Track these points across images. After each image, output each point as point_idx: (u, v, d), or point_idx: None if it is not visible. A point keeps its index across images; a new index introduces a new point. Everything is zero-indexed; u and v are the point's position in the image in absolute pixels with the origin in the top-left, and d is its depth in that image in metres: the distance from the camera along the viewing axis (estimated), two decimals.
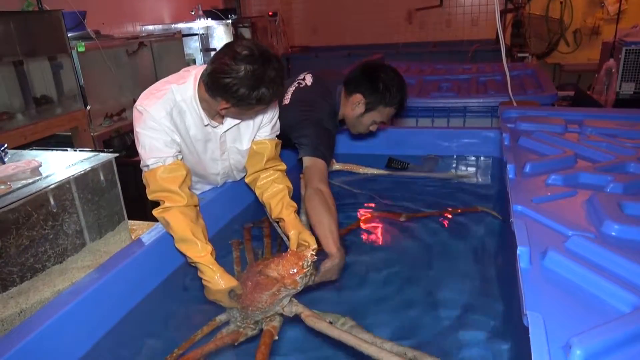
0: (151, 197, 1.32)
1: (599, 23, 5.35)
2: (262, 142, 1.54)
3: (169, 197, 1.30)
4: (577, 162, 1.38)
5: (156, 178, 1.29)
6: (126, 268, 1.20)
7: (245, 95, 1.18)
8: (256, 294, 1.15)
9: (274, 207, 1.45)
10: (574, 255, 0.88)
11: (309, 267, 1.16)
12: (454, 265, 1.40)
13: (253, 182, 1.55)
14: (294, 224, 1.39)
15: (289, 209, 1.43)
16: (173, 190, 1.30)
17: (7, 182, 1.16)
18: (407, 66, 4.02)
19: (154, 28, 4.12)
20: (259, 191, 1.52)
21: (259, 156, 1.53)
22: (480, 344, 1.07)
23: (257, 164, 1.53)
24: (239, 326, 1.16)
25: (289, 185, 1.52)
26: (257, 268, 1.23)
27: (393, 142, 2.28)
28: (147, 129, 1.30)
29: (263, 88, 1.18)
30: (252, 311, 1.15)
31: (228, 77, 1.17)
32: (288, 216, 1.41)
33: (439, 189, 1.93)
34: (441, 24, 6.00)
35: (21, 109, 2.75)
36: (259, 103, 1.22)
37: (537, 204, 1.11)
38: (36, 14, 2.78)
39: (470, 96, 2.91)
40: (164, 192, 1.30)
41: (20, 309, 1.12)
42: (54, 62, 2.87)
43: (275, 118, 1.58)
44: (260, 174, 1.52)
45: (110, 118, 3.17)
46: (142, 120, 1.31)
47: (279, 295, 1.14)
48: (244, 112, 1.30)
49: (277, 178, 1.51)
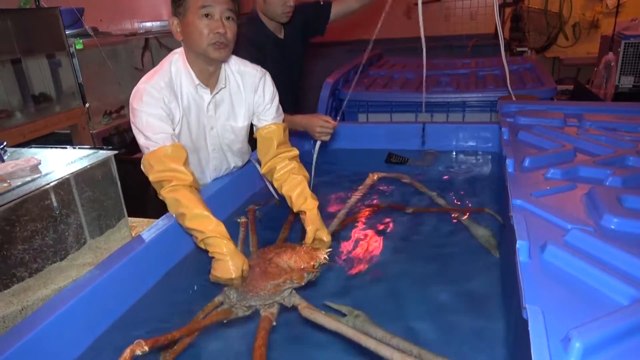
0: (156, 178, 1.32)
1: (598, 16, 5.34)
2: (269, 127, 1.56)
3: (175, 176, 1.31)
4: (577, 155, 1.38)
5: (160, 158, 1.31)
6: (127, 265, 1.20)
7: None
8: (262, 281, 1.16)
9: (294, 200, 1.46)
10: (573, 249, 0.88)
11: (319, 267, 1.17)
12: (455, 259, 1.40)
13: (270, 172, 1.55)
14: (313, 220, 1.40)
15: (311, 203, 1.43)
16: (179, 169, 1.32)
17: (7, 180, 1.16)
18: (405, 61, 4.01)
19: (152, 25, 4.11)
20: (277, 183, 1.53)
21: (268, 142, 1.54)
22: (479, 336, 1.07)
23: (269, 150, 1.54)
24: (232, 305, 1.18)
25: (306, 175, 1.53)
26: (268, 255, 1.23)
27: (392, 137, 2.28)
28: (144, 105, 1.34)
29: None
30: (251, 296, 1.16)
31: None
32: (310, 211, 1.42)
33: (445, 185, 1.93)
34: (440, 18, 5.97)
35: (20, 107, 2.75)
36: None
37: (536, 197, 1.11)
38: (33, 12, 2.77)
39: (469, 91, 2.91)
40: (171, 171, 1.31)
41: (21, 306, 1.13)
42: (52, 59, 2.87)
43: (275, 100, 1.60)
44: (276, 164, 1.52)
45: (110, 115, 3.17)
46: (139, 98, 1.35)
47: (283, 286, 1.16)
48: (185, 18, 1.36)
49: (293, 168, 1.52)
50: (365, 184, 1.80)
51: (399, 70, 3.67)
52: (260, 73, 1.60)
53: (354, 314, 1.10)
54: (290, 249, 1.24)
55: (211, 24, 1.35)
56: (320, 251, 1.23)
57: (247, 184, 1.84)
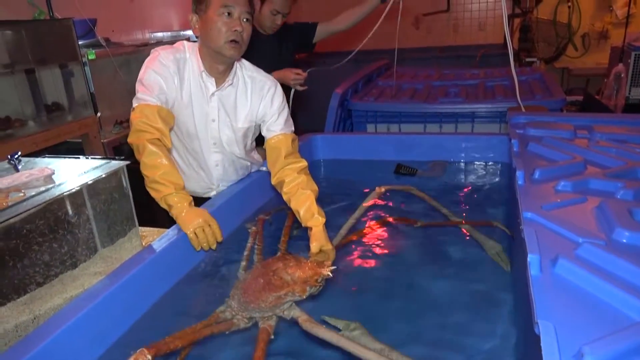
0: (140, 127, 1.41)
1: (607, 27, 5.33)
2: (277, 137, 1.58)
3: (161, 134, 1.43)
4: (587, 168, 1.38)
5: (153, 113, 1.42)
6: (137, 274, 1.21)
7: None
8: (263, 293, 1.15)
9: (302, 215, 1.47)
10: (585, 263, 0.88)
11: (322, 282, 1.17)
12: (464, 273, 1.40)
13: (279, 185, 1.56)
14: (319, 237, 1.41)
15: (317, 220, 1.44)
16: (164, 130, 1.43)
17: (22, 189, 1.17)
18: (414, 72, 4.02)
19: (162, 35, 4.16)
20: (286, 197, 1.53)
21: (276, 151, 1.56)
22: (490, 352, 1.06)
23: (277, 160, 1.55)
24: (234, 316, 1.18)
25: (315, 188, 1.53)
26: (272, 266, 1.23)
27: (401, 148, 2.28)
28: (153, 65, 1.47)
29: None
30: (252, 308, 1.16)
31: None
32: (316, 227, 1.43)
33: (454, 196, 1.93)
34: (448, 29, 5.99)
35: (33, 116, 2.78)
36: None
37: (546, 210, 1.10)
38: (47, 23, 2.82)
39: (478, 101, 2.91)
40: (157, 129, 1.42)
41: (34, 315, 1.14)
42: (65, 69, 2.91)
43: (284, 111, 1.63)
44: (285, 177, 1.53)
45: (120, 124, 3.21)
46: (151, 60, 1.49)
47: (285, 299, 1.15)
48: (205, 15, 1.43)
49: (301, 182, 1.52)
50: (372, 197, 1.79)
51: (408, 80, 3.68)
52: (271, 82, 1.62)
53: (350, 327, 1.10)
54: (294, 261, 1.24)
55: (230, 22, 1.42)
56: (324, 266, 1.23)
57: (259, 192, 1.85)
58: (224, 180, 1.73)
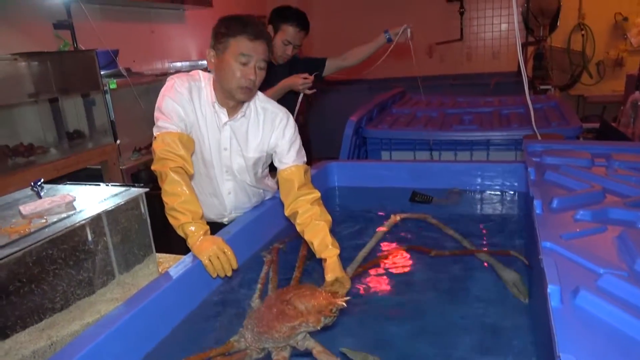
0: (161, 154, 1.44)
1: (622, 55, 5.33)
2: (289, 169, 1.59)
3: (184, 161, 1.45)
4: (606, 197, 1.36)
5: (174, 140, 1.45)
6: (154, 302, 1.22)
7: (217, 28, 1.47)
8: (277, 323, 1.14)
9: (316, 247, 1.47)
10: (607, 294, 0.86)
11: (336, 312, 1.16)
12: (481, 303, 1.37)
13: (292, 216, 1.57)
14: (333, 268, 1.41)
15: (332, 251, 1.44)
16: (186, 156, 1.46)
17: (44, 216, 1.20)
18: (428, 99, 4.05)
19: (181, 64, 4.27)
20: (300, 228, 1.54)
21: (289, 183, 1.57)
22: None
23: (290, 192, 1.56)
24: (247, 346, 1.17)
25: (328, 219, 1.54)
26: (286, 296, 1.22)
27: (417, 175, 2.28)
28: (169, 93, 1.50)
29: (232, 20, 1.46)
30: (266, 338, 1.15)
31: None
32: (331, 258, 1.44)
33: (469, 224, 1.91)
34: (461, 57, 6.04)
35: (55, 144, 2.85)
36: (229, 30, 1.44)
37: (566, 240, 1.09)
38: (72, 54, 2.92)
39: (493, 129, 2.91)
40: (179, 156, 1.45)
41: (51, 341, 1.14)
42: (87, 98, 2.99)
43: (296, 143, 1.64)
44: (298, 208, 1.54)
45: (139, 151, 3.26)
46: (167, 88, 1.52)
47: (299, 329, 1.14)
48: (223, 55, 1.47)
49: (315, 214, 1.52)
50: (387, 225, 1.79)
51: (422, 108, 3.70)
52: (284, 114, 1.65)
53: (369, 359, 1.08)
54: (309, 291, 1.23)
55: (245, 70, 1.46)
56: (339, 296, 1.22)
57: (275, 219, 1.85)
58: (236, 208, 1.75)
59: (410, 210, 2.02)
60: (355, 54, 2.62)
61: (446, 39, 5.98)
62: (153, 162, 1.47)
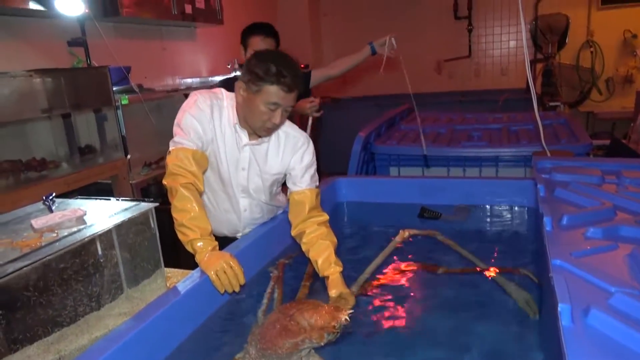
0: (173, 169, 1.45)
1: (631, 72, 5.32)
2: (302, 192, 1.59)
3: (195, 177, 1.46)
4: (617, 214, 1.35)
5: (187, 156, 1.46)
6: (161, 317, 1.22)
7: (253, 66, 1.43)
8: (280, 339, 1.14)
9: (320, 265, 1.48)
10: (619, 314, 0.85)
11: (340, 328, 1.15)
12: (490, 322, 1.36)
13: (299, 236, 1.58)
14: (336, 284, 1.42)
15: (334, 268, 1.46)
16: (198, 174, 1.47)
17: (55, 230, 1.21)
18: (436, 116, 4.06)
19: (192, 81, 4.33)
20: (305, 247, 1.55)
21: (300, 205, 1.57)
22: None
23: (300, 214, 1.57)
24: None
25: (334, 241, 1.55)
26: (289, 311, 1.22)
27: (425, 191, 2.28)
28: (190, 109, 1.52)
29: (272, 65, 1.40)
30: (269, 354, 1.14)
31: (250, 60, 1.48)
32: (333, 275, 1.45)
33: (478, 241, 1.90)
34: (470, 73, 6.07)
35: (66, 158, 2.89)
36: (266, 75, 1.40)
37: (576, 258, 1.08)
38: (85, 70, 2.97)
39: (502, 145, 2.91)
40: (190, 172, 1.45)
41: (59, 355, 1.14)
42: (99, 114, 3.04)
43: (312, 168, 1.65)
44: (305, 228, 1.55)
45: (149, 166, 3.29)
46: (189, 104, 1.54)
47: (302, 345, 1.13)
48: (253, 95, 1.44)
49: (321, 234, 1.54)
50: (395, 241, 1.77)
51: (430, 124, 3.71)
52: (304, 139, 1.66)
53: None
54: (312, 306, 1.22)
55: (272, 114, 1.47)
56: (342, 311, 1.21)
57: (283, 235, 1.85)
58: (250, 224, 1.76)
59: (418, 226, 2.01)
60: (342, 64, 2.64)
61: (454, 55, 6.01)
62: (164, 176, 1.48)
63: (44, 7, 2.71)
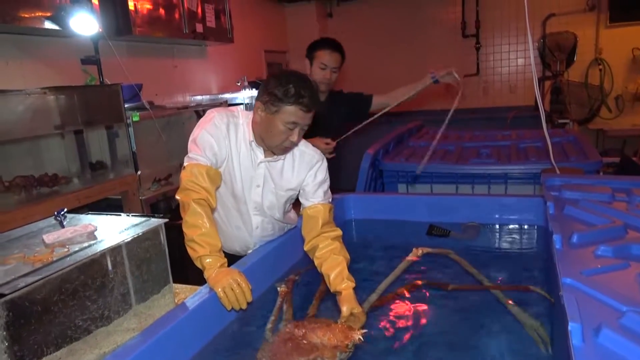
0: (186, 185, 1.46)
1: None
2: (315, 207, 1.61)
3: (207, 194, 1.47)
4: (628, 232, 1.34)
5: (201, 172, 1.47)
6: (170, 333, 1.22)
7: (272, 87, 1.43)
8: (292, 357, 1.13)
9: (332, 280, 1.49)
10: (630, 333, 0.84)
11: (352, 347, 1.14)
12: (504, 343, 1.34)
13: (312, 250, 1.59)
14: (349, 300, 1.42)
15: (346, 283, 1.46)
16: (211, 190, 1.48)
17: (66, 245, 1.23)
18: (445, 133, 4.05)
19: (202, 98, 4.39)
20: (318, 261, 1.55)
21: (313, 220, 1.59)
22: None
23: (313, 229, 1.59)
24: None
25: (347, 256, 1.56)
26: (301, 330, 1.21)
27: (433, 209, 2.27)
28: (207, 126, 1.53)
29: (290, 86, 1.41)
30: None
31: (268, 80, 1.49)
32: (345, 290, 1.45)
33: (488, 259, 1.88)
34: (478, 91, 6.09)
35: (78, 174, 2.93)
36: (285, 97, 1.41)
37: (587, 276, 1.07)
38: (97, 88, 3.03)
39: (511, 162, 2.90)
40: (204, 188, 1.46)
41: None
42: (110, 130, 3.09)
43: (325, 184, 1.67)
44: (318, 243, 1.56)
45: (158, 182, 3.32)
46: (206, 121, 1.55)
47: None
48: (272, 116, 1.46)
49: (334, 249, 1.55)
50: (408, 260, 1.76)
51: (439, 141, 3.70)
52: (319, 157, 1.69)
53: None
54: (324, 325, 1.22)
55: (290, 133, 1.49)
56: (355, 330, 1.20)
57: (291, 251, 1.85)
58: (261, 241, 1.77)
59: (427, 243, 2.00)
60: (399, 95, 2.62)
61: (463, 73, 6.04)
62: (178, 190, 1.50)
63: (59, 27, 2.77)
